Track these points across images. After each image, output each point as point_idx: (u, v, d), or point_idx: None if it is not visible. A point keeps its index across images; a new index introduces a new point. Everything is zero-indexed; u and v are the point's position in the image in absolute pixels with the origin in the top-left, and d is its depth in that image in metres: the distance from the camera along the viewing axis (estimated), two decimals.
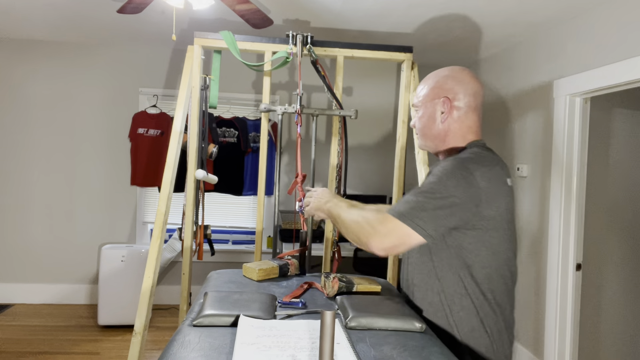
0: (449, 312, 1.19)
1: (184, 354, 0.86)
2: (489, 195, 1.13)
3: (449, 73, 1.31)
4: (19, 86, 3.91)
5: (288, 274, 1.45)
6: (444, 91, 1.29)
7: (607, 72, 2.47)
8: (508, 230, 1.18)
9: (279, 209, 2.61)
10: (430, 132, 1.32)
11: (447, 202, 1.11)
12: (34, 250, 3.97)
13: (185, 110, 2.43)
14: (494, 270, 1.17)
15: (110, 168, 4.02)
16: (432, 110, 1.31)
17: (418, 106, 1.35)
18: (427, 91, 1.32)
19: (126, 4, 2.32)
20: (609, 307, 3.11)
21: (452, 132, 1.29)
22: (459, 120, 1.28)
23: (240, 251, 4.15)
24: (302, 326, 1.00)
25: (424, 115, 1.33)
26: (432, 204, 1.11)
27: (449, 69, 1.32)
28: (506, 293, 1.20)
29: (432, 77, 1.33)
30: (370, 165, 4.28)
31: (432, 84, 1.31)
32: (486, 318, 1.17)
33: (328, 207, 1.36)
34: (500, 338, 1.19)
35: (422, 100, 1.33)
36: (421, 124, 1.34)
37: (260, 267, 1.39)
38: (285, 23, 3.16)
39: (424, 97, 1.32)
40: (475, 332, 1.17)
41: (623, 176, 3.12)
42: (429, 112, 1.31)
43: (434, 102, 1.30)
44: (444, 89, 1.29)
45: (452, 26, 3.09)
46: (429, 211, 1.11)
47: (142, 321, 2.20)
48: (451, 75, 1.30)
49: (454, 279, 1.18)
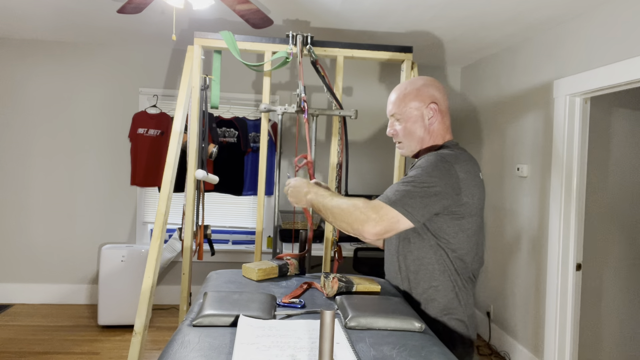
0: (427, 287, 1.35)
1: (183, 354, 0.87)
2: (467, 185, 1.29)
3: (426, 82, 1.47)
4: (19, 86, 3.91)
5: (287, 274, 1.45)
6: (429, 98, 1.44)
7: (607, 72, 2.47)
8: (479, 218, 1.36)
9: (279, 209, 2.61)
10: (417, 135, 1.46)
11: (432, 191, 1.25)
12: (34, 250, 3.97)
13: (185, 110, 2.43)
14: (466, 252, 1.34)
15: (110, 168, 4.02)
16: (419, 115, 1.44)
17: (402, 114, 1.46)
18: (412, 100, 1.45)
19: (126, 4, 2.33)
20: (609, 307, 3.11)
21: (435, 133, 1.46)
22: (441, 122, 1.46)
23: (240, 251, 4.15)
24: (301, 326, 1.00)
25: (411, 121, 1.45)
26: (419, 192, 1.25)
27: (421, 78, 1.48)
28: (475, 272, 1.40)
29: (409, 88, 1.46)
30: (370, 165, 4.28)
31: (414, 93, 1.45)
32: (460, 292, 1.35)
33: (309, 198, 1.42)
34: (470, 308, 1.39)
35: (409, 108, 1.45)
36: (408, 129, 1.46)
37: (259, 267, 1.39)
38: (285, 23, 3.16)
39: (410, 106, 1.45)
40: (451, 303, 1.35)
41: (623, 176, 3.12)
42: (415, 118, 1.45)
43: (420, 108, 1.44)
44: (428, 95, 1.44)
45: (452, 26, 3.09)
46: (417, 199, 1.24)
47: (142, 321, 2.20)
48: (429, 83, 1.46)
49: (434, 259, 1.33)
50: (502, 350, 3.42)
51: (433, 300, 1.35)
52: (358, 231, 1.27)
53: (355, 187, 4.23)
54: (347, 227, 1.29)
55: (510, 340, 3.35)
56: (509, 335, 3.39)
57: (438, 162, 1.29)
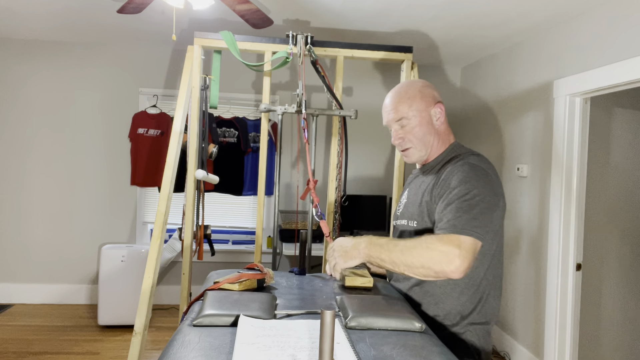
0: (457, 296, 1.30)
1: (184, 354, 0.87)
2: (500, 185, 1.30)
3: (424, 83, 1.43)
4: (19, 86, 3.91)
5: (264, 285, 1.32)
6: (432, 98, 1.40)
7: (607, 72, 2.47)
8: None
9: (279, 209, 2.61)
10: (427, 139, 1.40)
11: (485, 205, 1.21)
12: (34, 250, 3.97)
13: (185, 110, 2.43)
14: (498, 255, 1.33)
15: (110, 168, 4.02)
16: (427, 117, 1.39)
17: (410, 117, 1.39)
18: (418, 102, 1.39)
19: (126, 4, 2.33)
20: (609, 307, 3.11)
21: (442, 135, 1.43)
22: (445, 122, 1.43)
23: (240, 251, 4.15)
24: (302, 326, 1.00)
25: (420, 124, 1.39)
26: (478, 210, 1.20)
27: (417, 81, 1.45)
28: (501, 275, 1.40)
29: (411, 90, 1.41)
30: (370, 165, 4.28)
31: (419, 95, 1.39)
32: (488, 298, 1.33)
33: (367, 252, 1.26)
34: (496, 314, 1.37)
35: (416, 111, 1.39)
36: (418, 133, 1.39)
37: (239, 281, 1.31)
38: (285, 23, 3.16)
39: (418, 108, 1.39)
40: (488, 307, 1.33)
41: (623, 176, 3.12)
42: (425, 120, 1.39)
43: (428, 110, 1.39)
44: (432, 97, 1.41)
45: (452, 26, 3.09)
46: (479, 218, 1.18)
47: (142, 321, 2.20)
48: (428, 85, 1.43)
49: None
50: (502, 350, 3.42)
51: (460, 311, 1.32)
52: (443, 273, 1.14)
53: (355, 187, 4.23)
54: (426, 272, 1.16)
55: (511, 341, 3.35)
56: (509, 335, 3.39)
57: (474, 173, 1.26)
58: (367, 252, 1.26)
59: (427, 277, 1.17)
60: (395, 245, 1.21)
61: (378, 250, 1.23)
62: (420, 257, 1.15)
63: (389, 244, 1.23)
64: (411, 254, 1.17)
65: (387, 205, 4.05)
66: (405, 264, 1.18)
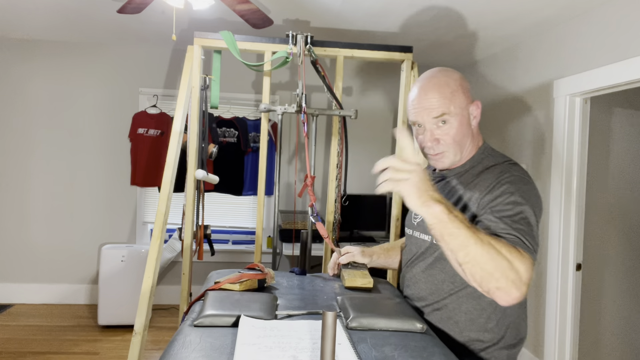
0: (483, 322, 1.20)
1: (184, 354, 0.86)
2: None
3: (460, 75, 1.26)
4: (19, 86, 3.91)
5: (265, 285, 1.33)
6: (469, 93, 1.25)
7: (607, 72, 2.47)
8: None
9: (279, 209, 2.61)
10: (465, 140, 1.24)
11: (535, 219, 1.09)
12: (34, 250, 3.97)
13: (185, 110, 2.43)
14: None
15: (110, 168, 4.02)
16: (467, 116, 1.23)
17: (453, 115, 1.20)
18: (460, 96, 1.21)
19: (126, 4, 2.32)
20: (609, 307, 3.11)
21: (475, 136, 1.27)
22: (477, 121, 1.28)
23: (240, 251, 4.15)
24: (303, 327, 1.00)
25: (461, 124, 1.22)
26: (534, 227, 1.07)
27: (455, 72, 1.26)
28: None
29: (452, 82, 1.22)
30: (370, 166, 4.27)
31: (460, 89, 1.22)
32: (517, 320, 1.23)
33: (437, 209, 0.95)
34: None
35: (458, 108, 1.21)
36: (459, 134, 1.22)
37: (240, 281, 1.32)
38: (285, 23, 3.16)
39: (459, 105, 1.21)
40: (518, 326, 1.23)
41: (623, 176, 3.12)
42: (465, 120, 1.23)
43: (467, 107, 1.24)
44: (469, 90, 1.25)
45: (452, 26, 3.09)
46: (536, 236, 1.07)
47: (142, 321, 2.20)
48: (463, 77, 1.26)
49: None
50: None
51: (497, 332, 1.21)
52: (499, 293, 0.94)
53: (355, 187, 4.23)
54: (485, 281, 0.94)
55: None
56: None
57: (524, 183, 1.13)
58: (437, 211, 0.95)
59: (478, 283, 0.96)
60: (473, 228, 0.96)
61: (450, 217, 0.95)
62: (495, 263, 0.93)
63: (467, 222, 0.97)
64: (489, 252, 0.93)
65: (387, 205, 4.05)
66: (473, 257, 0.94)
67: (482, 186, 1.16)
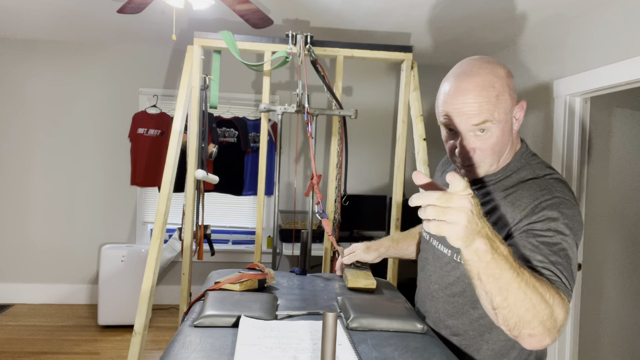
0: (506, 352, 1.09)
1: (185, 355, 0.86)
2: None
3: (507, 71, 1.04)
4: (19, 86, 3.91)
5: (265, 285, 1.32)
6: (515, 94, 1.04)
7: (607, 72, 2.47)
8: None
9: (279, 208, 2.61)
10: (505, 148, 1.05)
11: (575, 251, 0.95)
12: (34, 250, 3.97)
13: (185, 110, 2.43)
14: None
15: (110, 168, 4.02)
16: (510, 121, 1.04)
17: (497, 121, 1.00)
18: (506, 99, 1.01)
19: (126, 4, 2.32)
20: (609, 307, 3.11)
21: (515, 142, 1.09)
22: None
23: (240, 251, 4.15)
24: (303, 327, 1.00)
25: (503, 132, 1.02)
26: (573, 258, 0.93)
27: (500, 67, 1.03)
28: None
29: (496, 80, 1.00)
30: (370, 165, 4.28)
31: (506, 89, 1.01)
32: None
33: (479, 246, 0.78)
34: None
35: (502, 113, 1.00)
36: (500, 142, 1.03)
37: (240, 281, 1.32)
38: (285, 23, 3.16)
39: (504, 110, 1.01)
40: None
41: (623, 176, 3.12)
42: (509, 126, 1.03)
43: (512, 110, 1.03)
44: (514, 89, 1.04)
45: (452, 26, 3.08)
46: (574, 272, 0.93)
47: (142, 321, 2.20)
48: (509, 73, 1.04)
49: None
50: None
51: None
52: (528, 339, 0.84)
53: (355, 187, 4.23)
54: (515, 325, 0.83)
55: None
56: None
57: (574, 208, 0.97)
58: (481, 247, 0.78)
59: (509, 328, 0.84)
60: (517, 266, 0.81)
61: (497, 259, 0.79)
62: (535, 311, 0.81)
63: (514, 262, 0.81)
64: (531, 300, 0.80)
65: (387, 205, 4.05)
66: (512, 303, 0.81)
67: (518, 205, 0.99)
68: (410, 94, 2.56)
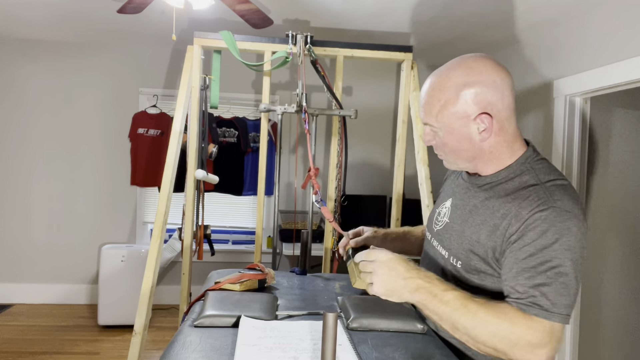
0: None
1: (185, 355, 0.86)
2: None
3: (473, 74, 0.98)
4: (19, 86, 3.91)
5: (265, 285, 1.33)
6: (477, 104, 0.98)
7: (607, 72, 2.47)
8: None
9: (279, 208, 2.61)
10: (465, 154, 1.05)
11: (572, 265, 0.92)
12: (34, 250, 3.96)
13: (185, 110, 2.43)
14: None
15: (110, 168, 4.02)
16: (463, 130, 1.01)
17: (439, 126, 1.03)
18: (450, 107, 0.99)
19: (126, 4, 2.32)
20: (609, 307, 3.11)
21: (496, 149, 1.04)
22: (500, 133, 1.02)
23: (240, 251, 4.15)
24: (303, 327, 1.00)
25: (453, 136, 1.02)
26: (573, 282, 0.91)
27: (466, 67, 0.99)
28: None
29: (448, 86, 0.99)
30: (370, 165, 4.28)
31: (454, 97, 0.99)
32: None
33: (417, 298, 0.94)
34: None
35: (447, 118, 1.01)
36: (451, 146, 1.05)
37: (240, 281, 1.31)
38: (285, 23, 3.16)
39: (449, 116, 1.00)
40: None
41: (623, 176, 3.12)
42: (459, 133, 1.01)
43: (466, 120, 1.00)
44: (476, 101, 0.98)
45: (452, 26, 3.08)
46: (572, 295, 0.91)
47: (142, 321, 2.20)
48: (476, 79, 0.98)
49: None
50: None
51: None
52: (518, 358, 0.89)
53: (355, 187, 4.23)
54: (494, 353, 0.91)
55: None
56: None
57: (572, 219, 0.93)
58: (420, 301, 0.95)
59: (490, 355, 0.92)
60: (463, 304, 0.91)
61: (434, 303, 0.92)
62: (496, 336, 0.88)
63: (455, 300, 0.91)
64: (484, 326, 0.89)
65: (387, 205, 4.05)
66: (470, 333, 0.90)
67: (513, 214, 0.97)
68: (410, 94, 2.56)
